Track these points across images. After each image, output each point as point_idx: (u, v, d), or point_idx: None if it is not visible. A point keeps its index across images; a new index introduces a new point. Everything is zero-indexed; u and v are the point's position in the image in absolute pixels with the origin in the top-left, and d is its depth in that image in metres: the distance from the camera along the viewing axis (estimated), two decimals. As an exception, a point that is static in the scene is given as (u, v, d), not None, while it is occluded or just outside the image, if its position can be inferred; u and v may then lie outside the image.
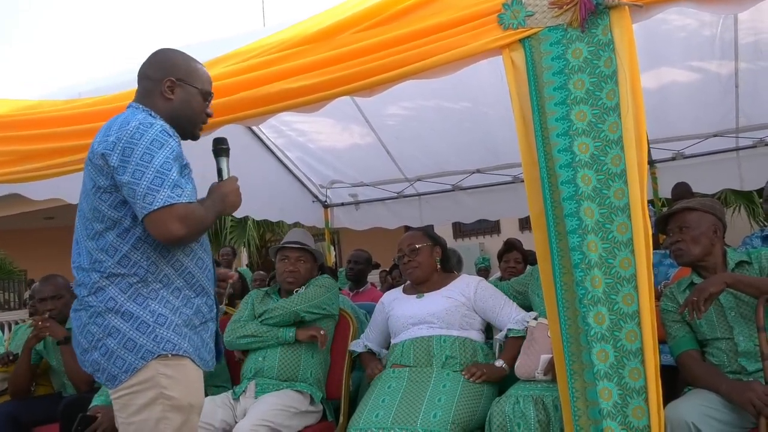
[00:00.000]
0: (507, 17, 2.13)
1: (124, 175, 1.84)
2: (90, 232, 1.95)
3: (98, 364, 1.93)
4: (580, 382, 2.04)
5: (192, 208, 1.88)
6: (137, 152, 1.84)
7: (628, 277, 2.02)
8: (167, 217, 1.82)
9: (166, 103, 2.02)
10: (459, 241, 12.68)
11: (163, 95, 2.02)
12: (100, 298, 1.91)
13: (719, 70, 4.06)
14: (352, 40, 2.24)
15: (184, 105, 2.04)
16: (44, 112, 2.73)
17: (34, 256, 14.02)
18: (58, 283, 3.64)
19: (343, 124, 4.79)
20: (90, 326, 1.92)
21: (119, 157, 1.85)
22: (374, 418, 2.60)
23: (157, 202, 1.81)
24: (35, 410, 3.59)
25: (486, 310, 3.01)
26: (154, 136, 1.87)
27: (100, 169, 1.90)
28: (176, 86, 2.03)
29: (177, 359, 1.91)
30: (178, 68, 2.05)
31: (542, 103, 2.10)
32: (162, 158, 1.85)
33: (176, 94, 2.03)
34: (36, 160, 2.72)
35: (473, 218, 6.27)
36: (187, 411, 1.93)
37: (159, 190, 1.82)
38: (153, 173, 1.83)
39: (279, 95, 2.28)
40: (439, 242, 3.19)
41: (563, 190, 2.06)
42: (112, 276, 1.91)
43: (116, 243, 1.91)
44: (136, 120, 1.90)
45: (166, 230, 1.82)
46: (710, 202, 2.56)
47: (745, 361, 2.36)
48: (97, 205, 1.92)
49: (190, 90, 2.05)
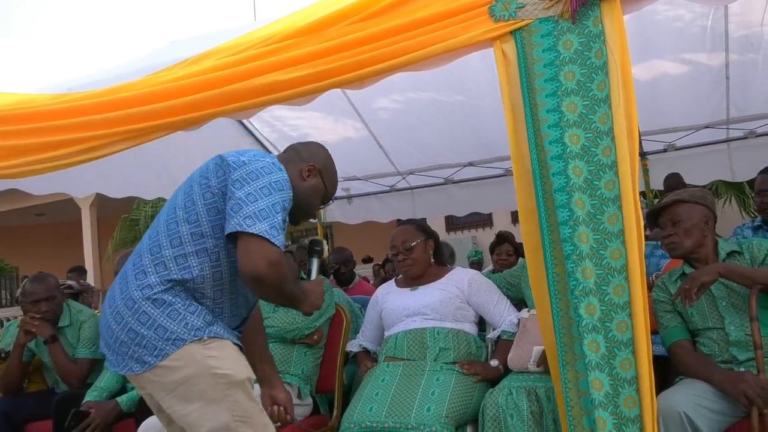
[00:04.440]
0: (498, 9, 2.13)
1: (239, 191, 1.91)
2: (172, 236, 1.98)
3: (127, 347, 1.93)
4: (572, 372, 2.05)
5: (284, 260, 1.92)
6: (260, 182, 1.93)
7: (619, 268, 2.02)
8: (260, 249, 1.85)
9: (299, 181, 2.12)
10: (451, 235, 12.70)
11: (301, 173, 2.14)
12: (140, 285, 1.94)
13: (710, 62, 4.07)
14: (343, 32, 2.23)
15: (311, 192, 2.17)
16: (37, 106, 2.71)
17: (26, 253, 13.99)
18: (49, 283, 3.60)
19: (335, 118, 4.79)
20: (121, 308, 1.94)
21: (243, 175, 1.93)
22: (368, 412, 2.60)
23: (257, 228, 1.85)
24: (28, 407, 3.58)
25: (479, 305, 3.01)
26: (280, 179, 1.97)
27: (217, 172, 1.99)
28: (314, 174, 2.16)
29: (215, 340, 1.93)
30: (324, 164, 2.21)
31: (533, 94, 2.10)
32: (277, 200, 1.93)
33: (309, 180, 2.15)
34: (28, 154, 2.69)
35: (466, 211, 6.28)
36: (246, 384, 1.95)
37: (263, 221, 1.86)
38: (264, 205, 1.89)
39: (269, 87, 2.27)
40: (431, 235, 3.17)
41: (554, 181, 2.06)
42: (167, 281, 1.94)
43: (185, 238, 1.96)
44: (272, 160, 2.02)
45: (253, 259, 1.85)
46: (700, 193, 2.57)
47: (736, 350, 2.37)
48: (196, 198, 1.99)
49: (321, 185, 2.19)
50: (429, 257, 3.11)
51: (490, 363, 2.88)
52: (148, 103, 2.39)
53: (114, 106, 2.43)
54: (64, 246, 13.71)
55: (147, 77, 2.49)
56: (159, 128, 2.44)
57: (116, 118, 2.42)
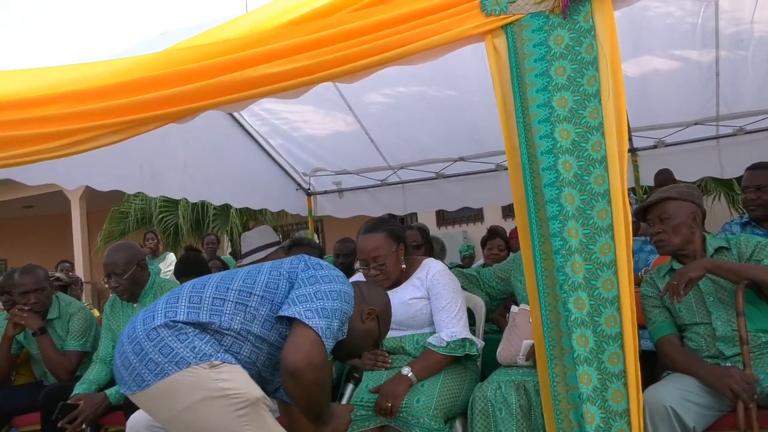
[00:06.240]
0: (489, 3, 2.13)
1: (310, 286, 1.99)
2: (215, 296, 2.00)
3: (130, 362, 1.92)
4: (561, 367, 2.06)
5: (326, 368, 1.95)
6: (331, 286, 2.00)
7: (608, 263, 2.03)
8: (309, 346, 1.87)
9: (358, 321, 2.18)
10: (442, 229, 12.70)
11: (361, 314, 2.20)
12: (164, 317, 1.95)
13: (700, 58, 4.09)
14: (334, 24, 2.22)
15: (366, 334, 2.22)
16: (30, 97, 2.68)
17: (14, 245, 13.88)
18: (38, 275, 3.57)
19: (327, 112, 4.78)
20: (139, 331, 1.95)
21: (316, 275, 2.03)
22: (358, 402, 2.60)
23: (315, 323, 1.89)
24: (16, 399, 3.57)
25: (432, 301, 2.82)
26: (349, 293, 2.06)
27: (292, 261, 2.09)
28: (372, 319, 2.23)
29: (225, 365, 1.91)
30: (384, 310, 2.28)
31: (524, 89, 2.10)
32: (342, 308, 1.99)
33: (367, 324, 2.22)
34: (18, 146, 2.67)
35: (457, 206, 6.29)
36: (261, 403, 1.92)
37: (322, 319, 1.91)
38: (329, 306, 1.95)
39: (259, 80, 2.25)
40: (401, 238, 2.88)
41: (544, 176, 2.06)
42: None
43: (232, 292, 2.00)
44: (343, 275, 2.11)
45: (298, 353, 1.86)
46: (688, 189, 2.58)
47: (723, 345, 2.39)
48: (263, 270, 2.06)
49: (376, 329, 2.25)
50: (401, 263, 2.86)
51: (401, 371, 2.62)
52: (135, 93, 2.36)
53: (101, 95, 2.40)
54: (53, 238, 13.63)
55: (133, 61, 2.45)
56: (148, 120, 2.42)
57: (103, 110, 2.40)
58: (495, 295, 3.22)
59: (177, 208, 10.83)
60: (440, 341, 2.68)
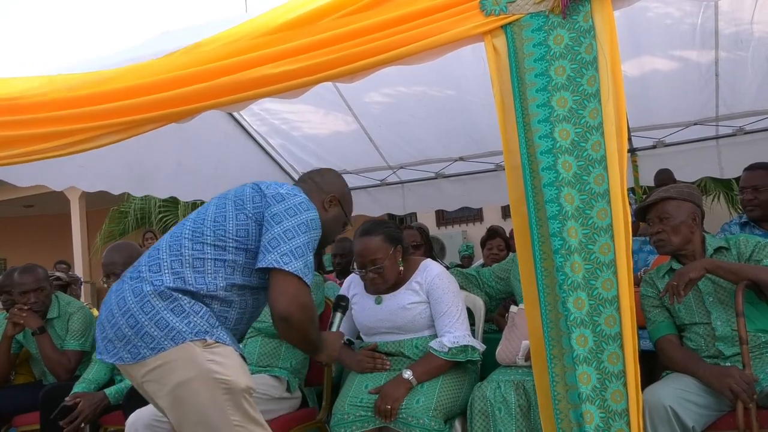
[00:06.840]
0: (489, 3, 2.13)
1: (277, 226, 2.00)
2: (195, 240, 2.03)
3: (123, 333, 1.92)
4: (560, 366, 2.06)
5: (313, 304, 2.02)
6: (297, 219, 2.02)
7: (608, 263, 2.04)
8: (295, 290, 1.94)
9: (322, 212, 2.21)
10: (442, 229, 12.70)
11: (323, 204, 2.26)
12: (152, 278, 1.97)
13: (700, 59, 4.10)
14: (334, 25, 2.23)
15: (333, 221, 2.31)
16: (24, 98, 2.68)
17: (14, 244, 13.88)
18: (38, 274, 3.57)
19: (326, 112, 4.77)
20: (128, 295, 1.96)
21: (282, 210, 2.03)
22: (357, 404, 2.61)
23: (293, 267, 1.94)
24: (15, 399, 3.56)
25: (432, 306, 2.80)
26: (315, 218, 2.08)
27: (253, 198, 2.09)
28: (334, 204, 2.31)
29: (219, 345, 1.93)
30: (343, 193, 2.36)
31: (523, 89, 2.10)
32: (311, 238, 2.03)
33: (331, 211, 2.30)
34: (17, 146, 2.67)
35: (456, 206, 6.28)
36: (246, 393, 1.96)
37: (298, 260, 1.95)
38: (301, 243, 1.99)
39: (260, 81, 2.26)
40: (398, 240, 2.85)
41: (544, 176, 2.06)
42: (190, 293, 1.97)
43: (207, 246, 2.01)
44: (304, 198, 2.11)
45: (287, 300, 1.93)
46: (687, 189, 2.58)
47: (722, 345, 2.39)
48: (228, 215, 2.06)
49: (341, 213, 2.34)
50: (399, 265, 2.83)
51: (402, 374, 2.62)
52: (137, 95, 2.38)
53: (104, 98, 2.42)
54: (53, 238, 13.62)
55: (135, 66, 2.47)
56: (149, 121, 2.43)
57: (105, 111, 2.41)
58: (494, 295, 3.22)
59: (177, 208, 10.81)
60: (442, 346, 2.67)
